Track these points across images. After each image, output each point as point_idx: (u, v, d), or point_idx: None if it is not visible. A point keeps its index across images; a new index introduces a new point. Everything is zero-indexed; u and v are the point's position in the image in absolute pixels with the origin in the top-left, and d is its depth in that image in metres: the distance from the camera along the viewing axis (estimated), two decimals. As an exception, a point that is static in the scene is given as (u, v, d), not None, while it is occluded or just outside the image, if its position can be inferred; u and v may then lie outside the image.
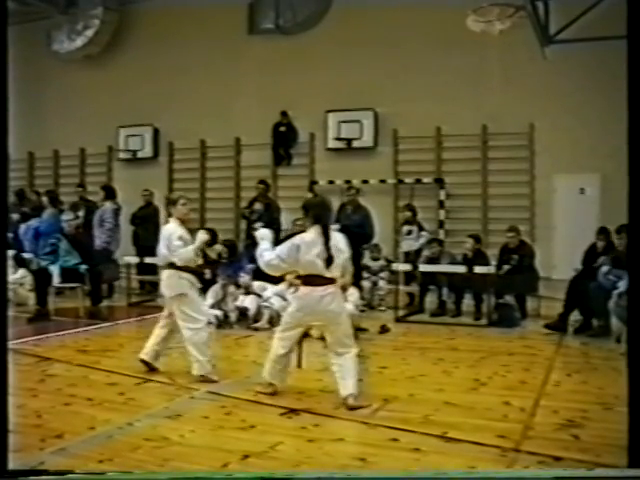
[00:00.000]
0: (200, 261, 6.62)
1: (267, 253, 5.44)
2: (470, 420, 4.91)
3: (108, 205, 12.43)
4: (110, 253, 12.13)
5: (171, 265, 6.28)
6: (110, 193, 12.71)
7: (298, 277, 5.59)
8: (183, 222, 6.43)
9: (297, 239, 5.42)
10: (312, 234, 5.39)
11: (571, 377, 6.45)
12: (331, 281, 5.37)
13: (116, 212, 12.44)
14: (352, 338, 5.51)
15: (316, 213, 5.46)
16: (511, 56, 12.32)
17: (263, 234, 5.64)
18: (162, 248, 6.32)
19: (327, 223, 5.47)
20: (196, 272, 6.50)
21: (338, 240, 5.46)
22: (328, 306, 5.34)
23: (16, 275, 11.14)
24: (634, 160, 3.55)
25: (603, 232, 9.46)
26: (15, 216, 13.53)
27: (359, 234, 10.98)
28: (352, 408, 5.15)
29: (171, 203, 6.47)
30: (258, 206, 12.57)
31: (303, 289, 5.44)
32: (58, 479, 3.69)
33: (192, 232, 6.56)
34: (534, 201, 12.99)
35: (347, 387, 5.25)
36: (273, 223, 12.15)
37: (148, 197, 13.62)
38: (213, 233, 11.76)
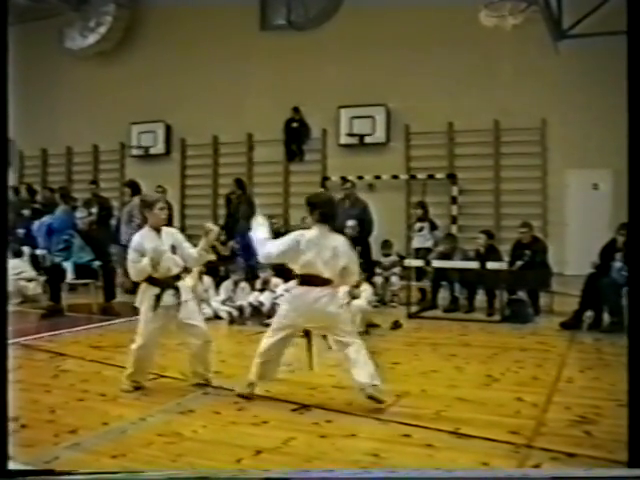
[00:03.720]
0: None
1: (268, 243, 5.22)
2: (482, 416, 4.90)
3: (136, 201, 12.50)
4: None
5: None
6: (136, 189, 12.78)
7: (295, 275, 5.36)
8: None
9: (297, 234, 5.21)
10: (314, 232, 5.18)
11: (584, 373, 6.42)
12: (328, 282, 5.15)
13: None
14: (353, 334, 5.27)
15: (322, 211, 5.20)
16: (523, 51, 12.28)
17: (261, 221, 5.40)
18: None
19: (332, 222, 5.26)
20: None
21: (339, 242, 5.22)
22: (325, 308, 5.12)
23: (9, 264, 11.21)
24: (634, 160, 3.55)
25: (624, 228, 9.30)
26: (26, 212, 13.63)
27: (359, 228, 11.10)
28: (370, 397, 5.01)
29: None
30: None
31: (299, 288, 5.22)
32: (57, 479, 3.71)
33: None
34: (547, 197, 12.97)
35: (359, 375, 5.06)
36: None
37: (161, 193, 13.65)
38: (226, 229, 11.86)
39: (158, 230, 5.69)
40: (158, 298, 5.53)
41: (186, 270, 7.09)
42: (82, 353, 7.18)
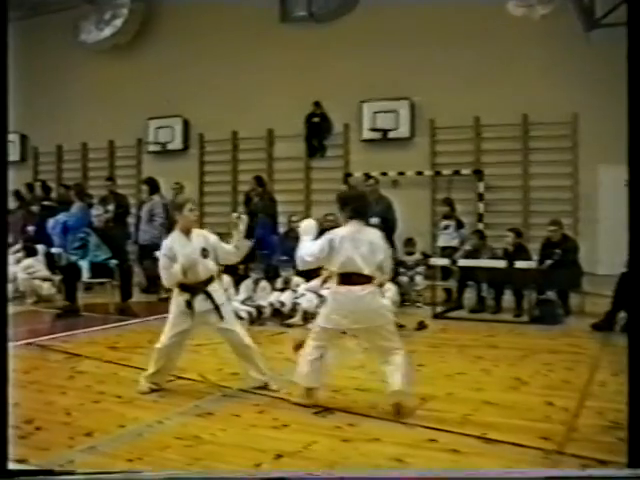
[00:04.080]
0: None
1: (304, 248, 5.19)
2: (511, 420, 4.87)
3: (157, 199, 12.58)
4: (158, 249, 12.23)
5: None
6: (155, 187, 12.83)
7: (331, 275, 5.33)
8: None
9: (331, 234, 5.15)
10: (348, 229, 5.14)
11: (617, 377, 6.35)
12: (369, 279, 5.09)
13: (165, 206, 12.58)
14: (397, 337, 5.22)
15: (354, 207, 5.19)
16: (553, 42, 12.17)
17: (307, 228, 5.37)
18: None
19: (365, 218, 5.29)
20: None
21: (374, 236, 5.20)
22: (369, 306, 5.06)
23: (23, 263, 11.36)
24: (634, 159, 3.55)
25: None
26: (35, 209, 13.70)
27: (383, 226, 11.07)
28: (398, 407, 4.96)
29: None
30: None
31: (339, 288, 5.12)
32: (57, 479, 3.72)
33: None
34: (577, 193, 12.85)
35: (398, 383, 5.00)
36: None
37: (179, 190, 13.69)
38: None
39: (188, 233, 5.71)
40: (189, 304, 5.56)
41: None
42: (98, 354, 7.22)
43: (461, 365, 6.82)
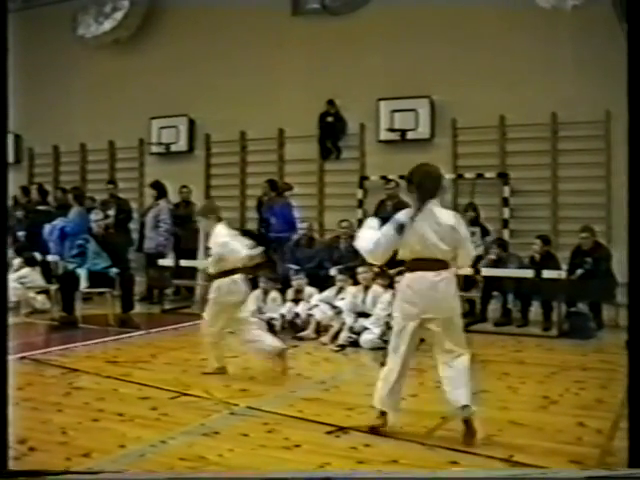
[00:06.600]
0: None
1: (372, 238, 4.99)
2: (539, 442, 4.85)
3: (163, 204, 12.63)
4: (164, 257, 12.30)
5: None
6: (162, 191, 12.86)
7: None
8: None
9: (400, 215, 4.99)
10: (414, 209, 4.95)
11: (654, 395, 6.32)
12: (444, 265, 4.92)
13: (172, 212, 12.63)
14: (465, 342, 5.05)
15: (418, 182, 5.02)
16: (586, 35, 12.11)
17: (371, 224, 5.27)
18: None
19: (432, 195, 4.97)
20: None
21: (446, 217, 4.97)
22: (444, 294, 4.88)
23: (20, 272, 11.39)
24: (634, 159, 3.55)
25: None
26: (19, 214, 13.72)
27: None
28: (467, 422, 4.81)
29: None
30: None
31: (410, 275, 4.96)
32: (57, 479, 3.73)
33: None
34: (611, 198, 12.78)
35: (460, 396, 4.85)
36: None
37: (186, 194, 13.73)
38: (253, 235, 11.91)
39: None
40: None
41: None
42: (97, 369, 7.23)
43: (485, 382, 6.75)
